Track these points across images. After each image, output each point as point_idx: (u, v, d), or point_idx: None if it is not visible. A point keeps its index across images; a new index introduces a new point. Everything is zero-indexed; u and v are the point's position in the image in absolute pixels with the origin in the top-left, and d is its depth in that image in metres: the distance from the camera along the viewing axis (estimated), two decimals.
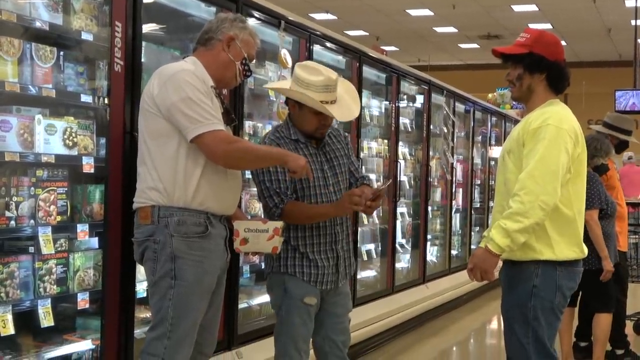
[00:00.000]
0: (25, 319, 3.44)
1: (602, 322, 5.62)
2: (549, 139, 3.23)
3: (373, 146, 7.27)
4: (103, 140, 3.70)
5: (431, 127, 8.57)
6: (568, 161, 3.27)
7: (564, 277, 3.34)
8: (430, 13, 18.57)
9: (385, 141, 7.42)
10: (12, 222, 3.30)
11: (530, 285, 3.32)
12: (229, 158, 3.27)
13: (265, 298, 5.08)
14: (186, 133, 3.19)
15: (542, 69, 3.40)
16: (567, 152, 3.26)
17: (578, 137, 3.34)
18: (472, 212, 10.35)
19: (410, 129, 8.28)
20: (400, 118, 7.67)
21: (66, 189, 3.55)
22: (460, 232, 10.19)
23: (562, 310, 3.41)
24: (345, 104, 3.69)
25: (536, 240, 3.30)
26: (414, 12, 18.58)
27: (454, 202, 9.64)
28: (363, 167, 3.83)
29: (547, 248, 3.31)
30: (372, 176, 7.03)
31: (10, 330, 3.25)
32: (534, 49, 3.38)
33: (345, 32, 17.71)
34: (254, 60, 3.69)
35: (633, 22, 15.95)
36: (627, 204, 7.38)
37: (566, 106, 3.45)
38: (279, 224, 3.44)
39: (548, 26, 19.69)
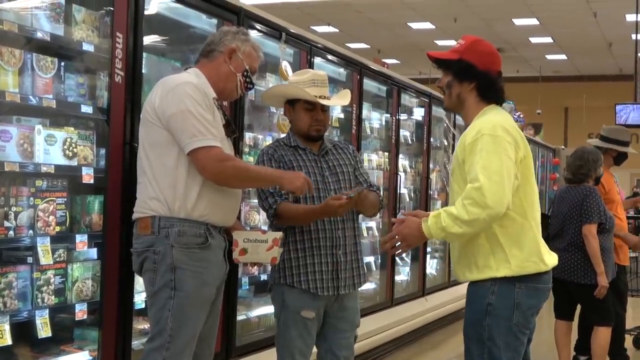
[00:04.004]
0: (23, 330, 3.42)
1: (600, 336, 5.58)
2: (487, 150, 3.04)
3: (373, 158, 7.27)
4: (103, 151, 3.70)
5: (431, 139, 8.58)
6: (513, 167, 3.07)
7: (523, 294, 3.12)
8: (432, 26, 18.61)
9: (386, 153, 7.42)
10: (11, 232, 3.30)
11: (485, 303, 3.13)
12: (219, 175, 3.25)
13: (263, 310, 5.09)
14: (182, 146, 3.20)
15: (470, 78, 3.22)
16: (509, 157, 3.05)
17: (518, 141, 3.13)
18: None
19: (410, 142, 8.28)
20: (401, 130, 7.68)
21: (65, 199, 3.55)
22: None
23: (525, 331, 3.17)
24: (336, 98, 3.98)
25: (493, 257, 3.12)
26: (415, 25, 18.63)
27: None
28: None
29: (504, 264, 3.11)
30: None
31: (8, 340, 3.24)
32: (464, 55, 3.20)
33: (346, 44, 17.75)
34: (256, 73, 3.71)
35: (634, 37, 15.97)
36: (628, 217, 7.38)
37: (502, 110, 3.27)
38: (278, 234, 3.44)
39: (549, 40, 19.73)
